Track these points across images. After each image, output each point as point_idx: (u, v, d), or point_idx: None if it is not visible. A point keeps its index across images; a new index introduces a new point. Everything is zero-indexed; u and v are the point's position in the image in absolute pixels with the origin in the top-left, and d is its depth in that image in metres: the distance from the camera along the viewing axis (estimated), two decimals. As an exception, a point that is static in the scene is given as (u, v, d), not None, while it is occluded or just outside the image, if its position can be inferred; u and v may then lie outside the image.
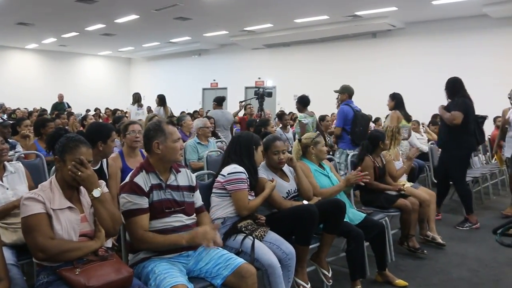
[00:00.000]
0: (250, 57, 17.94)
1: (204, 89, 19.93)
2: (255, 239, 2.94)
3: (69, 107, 12.66)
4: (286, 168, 3.69)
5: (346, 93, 6.39)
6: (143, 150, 3.05)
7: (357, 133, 6.11)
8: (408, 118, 6.52)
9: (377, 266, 3.88)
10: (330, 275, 3.46)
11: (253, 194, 3.25)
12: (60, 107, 12.53)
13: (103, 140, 3.37)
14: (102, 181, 2.47)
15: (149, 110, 14.81)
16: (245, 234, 2.99)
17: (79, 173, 2.30)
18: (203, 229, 2.56)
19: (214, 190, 3.20)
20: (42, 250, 2.19)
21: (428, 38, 13.19)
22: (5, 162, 3.12)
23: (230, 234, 3.04)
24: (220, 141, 6.34)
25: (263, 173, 3.47)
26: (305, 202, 3.48)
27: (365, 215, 3.84)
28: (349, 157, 4.84)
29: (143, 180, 2.61)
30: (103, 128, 3.53)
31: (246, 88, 18.02)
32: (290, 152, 3.95)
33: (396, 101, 6.44)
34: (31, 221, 2.23)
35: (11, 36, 17.31)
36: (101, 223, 2.35)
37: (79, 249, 2.25)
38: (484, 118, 5.68)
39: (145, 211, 2.56)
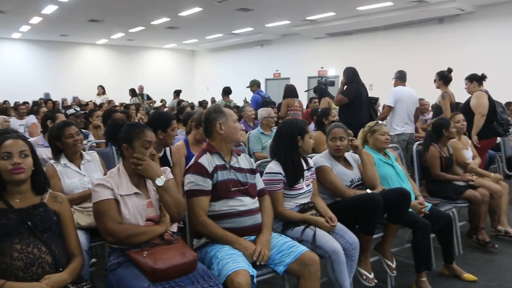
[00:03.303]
0: (312, 47, 17.75)
1: (266, 79, 19.95)
2: (317, 229, 2.94)
3: (149, 98, 12.97)
4: (349, 156, 3.65)
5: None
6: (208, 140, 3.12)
7: None
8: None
9: (443, 258, 3.76)
10: (394, 266, 3.39)
11: (299, 187, 3.15)
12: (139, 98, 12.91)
13: (162, 128, 3.47)
14: (166, 167, 2.56)
15: (213, 101, 15.07)
16: (305, 226, 2.99)
17: (139, 167, 2.40)
18: (259, 246, 2.59)
19: None
20: (111, 234, 2.32)
21: (501, 21, 12.44)
22: (82, 151, 3.32)
23: (289, 226, 3.05)
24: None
25: (325, 161, 3.45)
26: (368, 191, 3.42)
27: (431, 205, 3.73)
28: (415, 146, 4.70)
29: (208, 161, 2.69)
30: (163, 117, 3.63)
31: (309, 77, 17.85)
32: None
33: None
34: (100, 206, 2.36)
35: (84, 33, 18.17)
36: (166, 209, 2.45)
37: (145, 233, 2.36)
38: None
39: (207, 193, 2.63)
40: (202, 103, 13.49)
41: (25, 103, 10.02)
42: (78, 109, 5.52)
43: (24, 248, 2.05)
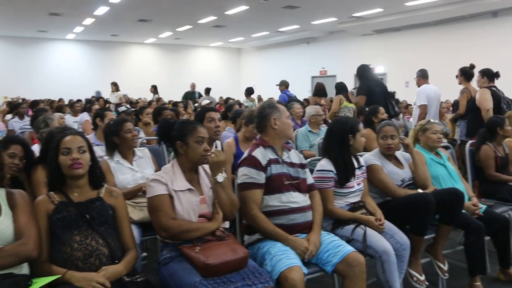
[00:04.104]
0: (359, 44, 17.49)
1: (313, 77, 19.81)
2: (367, 228, 2.90)
3: (200, 96, 13.15)
4: (400, 155, 3.58)
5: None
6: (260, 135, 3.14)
7: None
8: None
9: (499, 263, 3.62)
10: (446, 268, 3.30)
11: (350, 186, 3.12)
12: (191, 96, 13.07)
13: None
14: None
15: (260, 99, 15.12)
16: (355, 225, 2.96)
17: (212, 155, 2.44)
18: (311, 246, 2.60)
19: None
20: (165, 229, 2.38)
21: None
22: (134, 148, 3.42)
23: (339, 225, 3.03)
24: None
25: (376, 159, 3.40)
26: (419, 190, 3.35)
27: (485, 207, 3.60)
28: (467, 146, 4.54)
29: (262, 154, 2.73)
30: (203, 112, 3.72)
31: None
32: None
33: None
34: (155, 201, 2.42)
35: (133, 33, 18.64)
36: (220, 207, 2.48)
37: (197, 229, 2.40)
38: None
39: (260, 186, 2.66)
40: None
41: (79, 101, 10.39)
42: (129, 106, 5.66)
43: (83, 239, 2.14)
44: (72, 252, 2.11)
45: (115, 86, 12.09)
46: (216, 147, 3.59)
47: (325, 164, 3.10)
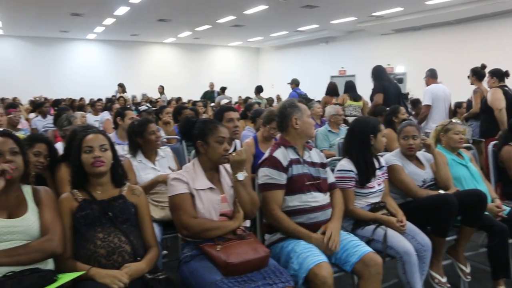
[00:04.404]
0: (379, 43, 17.33)
1: (332, 76, 19.72)
2: (388, 229, 2.88)
3: (218, 95, 13.20)
4: (421, 155, 3.54)
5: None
6: (277, 137, 3.14)
7: None
8: None
9: (524, 266, 3.56)
10: (468, 271, 3.26)
11: (371, 186, 3.10)
12: (210, 95, 13.14)
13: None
14: None
15: (278, 98, 15.11)
16: (376, 225, 2.94)
17: (233, 154, 2.45)
18: (329, 231, 2.62)
19: None
20: (186, 228, 2.40)
21: None
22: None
23: (359, 225, 3.01)
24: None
25: (397, 160, 3.38)
26: (441, 191, 3.31)
27: (509, 209, 3.53)
28: (490, 146, 4.46)
29: (283, 154, 2.72)
30: (221, 112, 3.75)
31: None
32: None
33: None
34: (176, 200, 2.44)
35: (152, 32, 18.78)
36: (241, 205, 2.49)
37: (218, 228, 2.41)
38: None
39: (281, 187, 2.66)
40: (268, 101, 13.58)
41: (100, 100, 10.51)
42: (150, 105, 5.71)
43: (106, 237, 2.17)
44: (95, 249, 2.14)
45: (121, 88, 12.19)
46: (235, 147, 3.60)
47: (345, 164, 3.09)
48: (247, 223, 2.64)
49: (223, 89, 12.77)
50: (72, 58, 20.58)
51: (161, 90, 14.01)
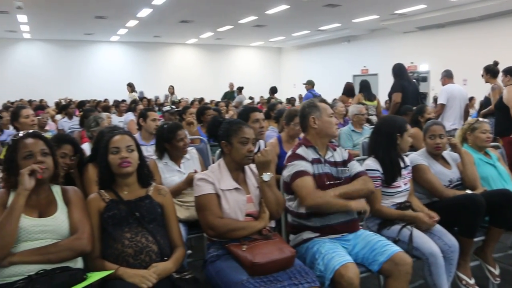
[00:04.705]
0: (402, 41, 17.12)
1: (354, 75, 19.58)
2: (414, 229, 2.85)
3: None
4: (447, 154, 3.50)
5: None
6: (301, 137, 3.13)
7: None
8: None
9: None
10: (497, 272, 3.20)
11: (397, 185, 3.06)
12: (230, 95, 13.20)
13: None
14: None
15: (300, 98, 15.07)
16: (401, 225, 2.91)
17: (259, 155, 2.46)
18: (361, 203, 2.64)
19: None
20: (212, 228, 2.41)
21: None
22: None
23: (385, 225, 2.98)
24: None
25: (422, 159, 3.34)
26: (468, 191, 3.26)
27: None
28: None
29: (305, 152, 2.73)
30: (247, 112, 3.75)
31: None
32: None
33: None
34: (202, 200, 2.46)
35: (175, 33, 18.95)
36: (267, 206, 2.50)
37: (244, 228, 2.42)
38: None
39: (309, 174, 2.64)
40: (290, 100, 13.57)
41: (123, 101, 10.65)
42: (174, 106, 5.76)
43: (133, 236, 2.20)
44: (123, 249, 2.18)
45: (130, 87, 12.29)
46: (259, 147, 3.60)
47: (371, 163, 3.07)
48: (272, 223, 2.64)
49: (240, 89, 12.83)
50: (96, 60, 20.92)
51: (172, 90, 14.13)
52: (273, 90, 11.54)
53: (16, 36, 18.63)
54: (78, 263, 2.19)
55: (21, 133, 2.25)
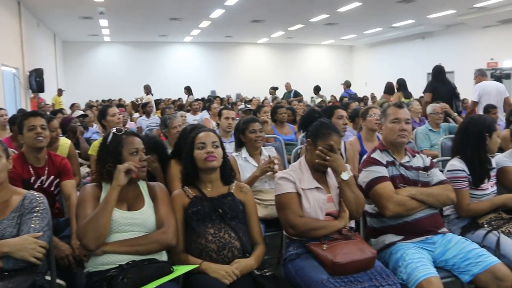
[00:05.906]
0: (481, 36, 16.25)
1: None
2: (502, 234, 2.71)
3: (297, 95, 13.24)
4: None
5: None
6: (379, 135, 3.09)
7: None
8: None
9: None
10: None
11: (485, 188, 2.94)
12: (287, 96, 13.25)
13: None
14: (347, 164, 2.59)
15: (373, 96, 14.77)
16: (487, 230, 2.78)
17: (327, 157, 2.45)
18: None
19: None
20: (292, 227, 2.43)
21: None
22: (261, 147, 3.53)
23: (469, 229, 2.86)
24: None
25: (510, 161, 3.16)
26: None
27: None
28: None
29: (379, 156, 2.72)
30: (332, 109, 3.79)
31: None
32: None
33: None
34: (283, 199, 2.49)
35: (246, 33, 19.23)
36: (346, 205, 2.48)
37: (324, 227, 2.42)
38: None
39: (388, 179, 2.63)
40: (363, 99, 13.32)
41: (197, 100, 10.94)
42: (248, 105, 5.84)
43: (216, 232, 2.27)
44: (207, 244, 2.25)
45: (146, 89, 12.41)
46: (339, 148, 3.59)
47: (457, 163, 2.96)
48: (352, 223, 2.62)
49: (274, 89, 13.89)
50: (169, 61, 21.69)
51: (188, 91, 14.28)
52: (317, 89, 11.99)
53: (98, 39, 19.85)
54: (163, 256, 2.29)
55: (123, 130, 2.36)
